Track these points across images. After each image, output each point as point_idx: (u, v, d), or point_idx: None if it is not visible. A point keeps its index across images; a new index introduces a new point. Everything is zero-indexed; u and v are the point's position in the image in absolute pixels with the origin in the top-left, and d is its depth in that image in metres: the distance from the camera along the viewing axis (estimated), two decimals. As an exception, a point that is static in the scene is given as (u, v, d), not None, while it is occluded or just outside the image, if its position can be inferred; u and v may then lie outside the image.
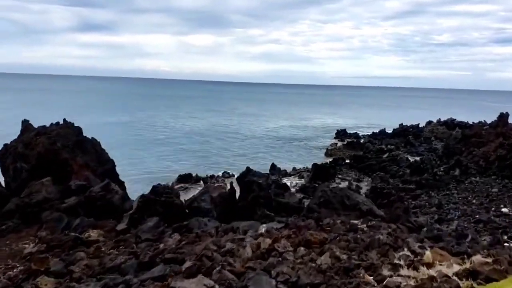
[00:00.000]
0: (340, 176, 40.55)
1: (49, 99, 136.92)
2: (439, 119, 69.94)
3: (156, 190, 14.47)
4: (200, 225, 12.48)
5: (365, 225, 11.35)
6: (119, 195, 14.82)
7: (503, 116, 41.32)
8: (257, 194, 15.35)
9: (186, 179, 36.81)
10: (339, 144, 60.33)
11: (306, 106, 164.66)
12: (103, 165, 17.42)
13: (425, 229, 12.07)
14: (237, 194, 17.78)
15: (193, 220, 12.91)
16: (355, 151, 51.97)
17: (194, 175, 37.98)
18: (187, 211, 14.63)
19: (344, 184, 38.05)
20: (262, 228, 10.43)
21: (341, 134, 67.71)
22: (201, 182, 36.75)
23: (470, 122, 69.93)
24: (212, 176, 37.58)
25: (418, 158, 46.29)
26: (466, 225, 22.62)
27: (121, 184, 18.58)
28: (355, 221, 11.96)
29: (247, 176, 16.19)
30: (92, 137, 18.73)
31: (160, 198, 13.88)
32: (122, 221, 13.52)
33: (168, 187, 14.59)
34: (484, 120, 69.63)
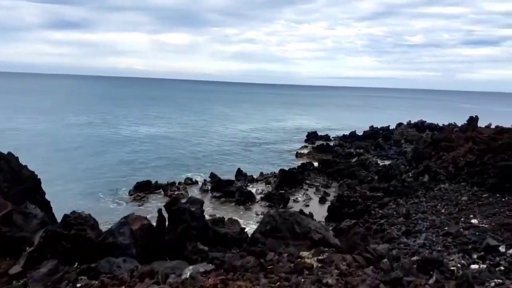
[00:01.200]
0: (308, 181, 39.22)
1: (14, 99, 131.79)
2: (409, 121, 69.61)
3: (67, 220, 12.20)
4: (112, 267, 10.42)
5: (315, 259, 9.75)
6: (30, 222, 12.52)
7: (472, 120, 40.65)
8: (189, 224, 13.33)
9: (145, 187, 34.64)
10: (309, 147, 59.14)
11: (279, 107, 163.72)
12: (19, 184, 15.07)
13: (385, 260, 10.52)
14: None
15: (103, 261, 10.75)
16: (325, 155, 50.79)
17: (153, 182, 35.80)
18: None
19: (311, 190, 36.82)
20: (187, 272, 8.65)
21: (311, 136, 66.52)
22: (161, 190, 34.77)
23: (441, 124, 69.89)
24: (172, 184, 35.51)
25: (387, 162, 45.40)
26: (434, 239, 21.39)
27: (46, 205, 16.22)
28: (306, 253, 10.34)
29: (177, 203, 14.14)
30: (9, 152, 16.43)
31: (70, 232, 11.64)
32: (19, 261, 11.25)
33: (83, 216, 12.25)
34: (454, 122, 69.74)
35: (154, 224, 13.80)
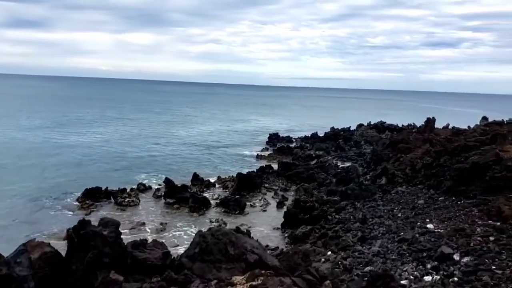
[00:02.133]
0: (267, 185, 38.27)
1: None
2: (370, 122, 69.79)
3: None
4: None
5: (248, 285, 8.65)
6: None
7: (429, 121, 40.68)
8: (100, 251, 11.84)
9: (94, 193, 32.75)
10: (270, 149, 58.30)
11: (244, 108, 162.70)
12: None
13: (327, 282, 9.52)
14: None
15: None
16: (286, 157, 50.06)
17: (104, 188, 33.85)
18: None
19: (270, 195, 35.86)
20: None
21: (273, 138, 65.69)
22: (111, 198, 32.94)
23: (400, 125, 70.49)
24: (123, 190, 33.69)
25: (348, 164, 45.03)
26: (389, 245, 20.76)
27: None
28: (239, 278, 9.23)
29: (85, 226, 12.62)
30: None
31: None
32: None
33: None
34: (413, 123, 70.51)
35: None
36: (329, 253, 21.08)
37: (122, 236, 24.51)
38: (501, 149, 27.85)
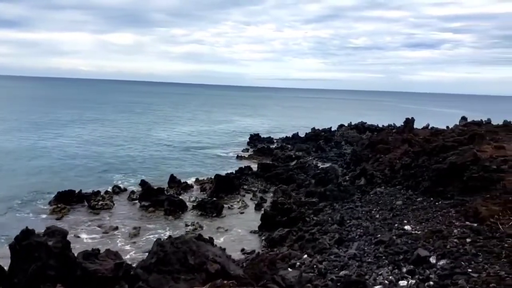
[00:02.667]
0: (245, 187, 37.70)
1: None
2: (350, 122, 69.80)
3: None
4: None
5: (207, 298, 8.10)
6: None
7: (408, 121, 40.62)
8: (44, 263, 11.13)
9: (67, 197, 31.74)
10: (251, 150, 57.77)
11: (226, 108, 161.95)
12: None
13: (294, 291, 9.01)
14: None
15: None
16: (266, 158, 49.61)
17: (78, 191, 32.87)
18: None
19: (249, 196, 35.31)
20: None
21: (254, 139, 65.11)
22: (85, 201, 31.95)
23: (381, 125, 70.67)
24: (97, 193, 32.71)
25: (328, 165, 44.77)
26: (366, 248, 20.38)
27: None
28: (199, 289, 8.67)
29: (29, 237, 11.87)
30: None
31: None
32: None
33: None
34: (393, 123, 70.76)
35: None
36: (305, 256, 20.62)
37: (94, 241, 23.77)
38: (478, 149, 27.80)
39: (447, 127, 48.01)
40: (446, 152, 29.00)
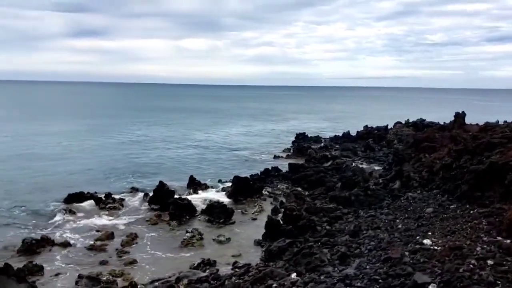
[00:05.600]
0: (269, 189, 34.68)
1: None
2: (408, 119, 63.82)
3: None
4: None
5: None
6: None
7: (458, 116, 35.34)
8: None
9: (77, 198, 30.69)
10: (291, 149, 54.49)
11: (288, 108, 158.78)
12: None
13: None
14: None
15: None
16: (304, 158, 46.09)
17: (93, 193, 31.77)
18: None
19: (270, 200, 32.36)
20: None
21: (299, 138, 61.45)
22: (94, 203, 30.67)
23: (442, 123, 64.03)
24: (108, 195, 31.33)
25: (376, 166, 40.62)
26: (368, 266, 16.73)
27: None
28: None
29: None
30: None
31: None
32: None
33: None
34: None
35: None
36: (294, 275, 17.33)
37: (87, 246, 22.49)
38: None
39: (505, 121, 41.04)
40: (492, 151, 24.11)
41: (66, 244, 23.32)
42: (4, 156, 48.12)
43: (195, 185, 35.03)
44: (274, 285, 15.97)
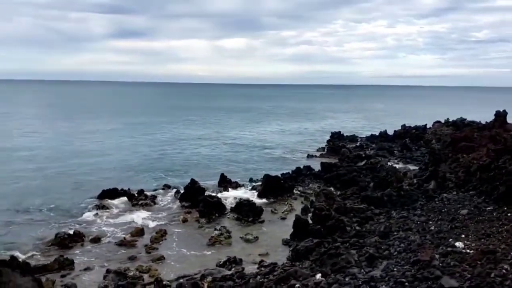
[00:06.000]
0: (300, 189, 34.34)
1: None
2: (447, 118, 61.80)
3: None
4: None
5: None
6: None
7: (500, 115, 33.84)
8: None
9: (111, 195, 31.41)
10: (326, 148, 53.79)
11: (326, 106, 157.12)
12: None
13: None
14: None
15: None
16: (337, 157, 45.39)
17: (126, 189, 32.47)
18: None
19: (300, 200, 32.02)
20: None
21: (334, 137, 60.61)
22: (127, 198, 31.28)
23: (484, 122, 61.61)
24: (140, 192, 31.88)
25: (411, 166, 39.58)
26: (396, 269, 16.23)
27: None
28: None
29: None
30: None
31: None
32: None
33: None
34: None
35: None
36: (319, 276, 17.01)
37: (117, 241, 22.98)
38: None
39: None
40: (533, 150, 22.97)
41: (97, 239, 23.85)
42: (42, 153, 49.89)
43: (226, 183, 35.14)
44: (297, 285, 15.71)
